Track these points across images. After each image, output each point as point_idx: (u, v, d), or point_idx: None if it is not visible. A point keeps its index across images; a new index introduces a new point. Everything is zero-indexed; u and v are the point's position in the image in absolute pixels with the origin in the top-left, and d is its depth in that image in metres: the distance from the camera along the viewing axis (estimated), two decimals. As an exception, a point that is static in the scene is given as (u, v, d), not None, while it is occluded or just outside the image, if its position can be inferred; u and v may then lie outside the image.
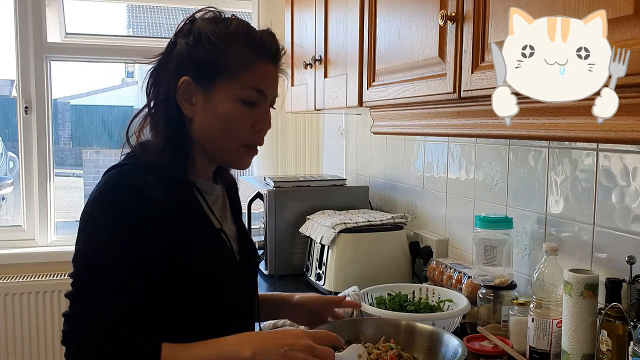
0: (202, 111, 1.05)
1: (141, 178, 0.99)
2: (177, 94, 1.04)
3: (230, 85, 1.04)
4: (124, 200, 0.96)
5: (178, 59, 1.04)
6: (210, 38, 1.03)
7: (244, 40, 1.05)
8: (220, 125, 1.05)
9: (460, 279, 1.67)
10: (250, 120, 1.07)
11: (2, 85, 5.97)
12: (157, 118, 1.06)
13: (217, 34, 1.04)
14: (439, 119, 1.35)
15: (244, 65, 1.04)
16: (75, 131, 8.14)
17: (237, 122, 1.05)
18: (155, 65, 1.08)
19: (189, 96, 1.05)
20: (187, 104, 1.05)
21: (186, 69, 1.04)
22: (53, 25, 2.78)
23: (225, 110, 1.04)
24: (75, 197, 6.48)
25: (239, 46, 1.04)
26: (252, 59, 1.05)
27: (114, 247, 0.96)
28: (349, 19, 1.74)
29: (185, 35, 1.05)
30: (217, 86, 1.04)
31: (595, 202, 1.32)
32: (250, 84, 1.05)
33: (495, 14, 1.06)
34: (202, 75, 1.04)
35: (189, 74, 1.03)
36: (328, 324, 1.31)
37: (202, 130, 1.06)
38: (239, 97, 1.05)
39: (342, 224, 1.87)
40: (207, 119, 1.05)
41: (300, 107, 2.26)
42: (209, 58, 1.03)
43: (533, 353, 1.27)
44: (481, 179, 1.75)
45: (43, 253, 2.76)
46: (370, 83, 1.61)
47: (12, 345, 2.66)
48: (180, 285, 1.01)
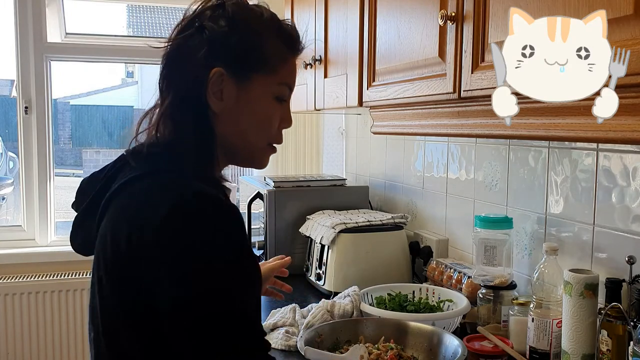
0: (234, 107, 0.93)
1: (200, 184, 0.86)
2: (207, 87, 0.90)
3: (268, 80, 0.95)
4: (232, 219, 0.83)
5: (209, 46, 0.90)
6: (249, 24, 0.93)
7: (278, 32, 0.96)
8: (256, 123, 0.96)
9: (460, 279, 1.67)
10: (279, 118, 0.99)
11: (2, 85, 5.97)
12: (179, 115, 0.92)
13: (255, 20, 0.94)
14: (439, 119, 1.35)
15: (280, 60, 0.96)
16: (75, 131, 8.15)
17: (272, 121, 0.97)
18: (169, 54, 0.94)
19: (219, 89, 0.91)
20: (217, 98, 0.92)
21: (219, 57, 0.91)
22: (53, 25, 2.78)
23: (263, 108, 0.96)
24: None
25: (274, 38, 0.95)
26: (286, 52, 0.97)
27: (252, 277, 0.84)
28: (349, 19, 1.74)
29: (213, 20, 0.91)
30: (254, 80, 0.93)
31: (595, 202, 1.32)
32: (284, 80, 0.97)
33: (495, 14, 1.06)
34: (239, 65, 0.92)
35: (222, 63, 0.90)
36: (329, 324, 1.31)
37: (231, 127, 0.94)
38: (275, 94, 0.96)
39: (342, 224, 1.87)
40: (239, 116, 0.94)
41: (300, 107, 2.26)
42: (247, 47, 0.92)
43: (533, 353, 1.27)
44: (481, 179, 1.75)
45: (43, 253, 2.76)
46: (370, 83, 1.61)
47: (12, 345, 2.66)
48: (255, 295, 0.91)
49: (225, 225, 0.81)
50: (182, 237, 0.79)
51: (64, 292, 2.69)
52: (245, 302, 0.81)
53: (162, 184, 0.86)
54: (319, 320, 1.44)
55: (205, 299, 0.78)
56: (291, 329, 1.47)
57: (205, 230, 0.79)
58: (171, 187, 0.85)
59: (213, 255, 0.79)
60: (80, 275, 2.72)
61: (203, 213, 0.81)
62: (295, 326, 1.49)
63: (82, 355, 2.74)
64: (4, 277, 2.67)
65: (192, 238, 0.79)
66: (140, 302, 0.82)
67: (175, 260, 0.78)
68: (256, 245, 2.19)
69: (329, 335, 1.30)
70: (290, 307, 1.60)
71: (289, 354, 1.39)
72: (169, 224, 0.79)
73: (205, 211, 0.81)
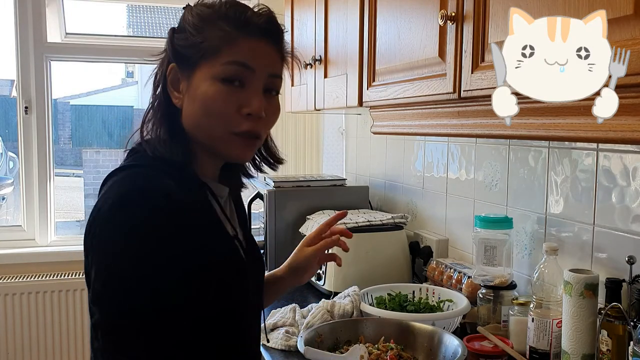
0: (186, 98, 0.96)
1: (158, 179, 0.89)
2: (167, 84, 0.97)
3: (210, 64, 0.93)
4: (151, 206, 0.85)
5: (168, 49, 0.99)
6: (190, 20, 0.96)
7: (225, 18, 0.94)
8: (201, 110, 0.94)
9: (460, 279, 1.67)
10: (235, 103, 0.93)
11: (2, 85, 5.98)
12: (155, 112, 0.99)
13: (198, 15, 0.96)
14: (439, 119, 1.35)
15: (224, 42, 0.93)
16: (75, 131, 8.15)
17: (218, 105, 0.92)
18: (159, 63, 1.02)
19: (177, 84, 0.97)
20: (176, 92, 0.97)
21: (173, 56, 0.97)
22: (53, 25, 2.78)
23: (203, 92, 0.93)
24: (75, 197, 6.48)
25: (219, 24, 0.94)
26: (235, 34, 0.93)
27: (156, 261, 0.84)
28: (349, 19, 1.74)
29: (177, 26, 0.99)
30: (198, 69, 0.94)
31: (595, 202, 1.32)
32: (231, 59, 0.92)
33: (495, 14, 1.06)
34: (184, 59, 0.95)
35: (175, 60, 0.96)
36: (329, 324, 1.31)
37: (188, 119, 0.96)
38: (219, 76, 0.92)
39: (342, 224, 1.87)
40: (190, 105, 0.95)
41: (300, 107, 2.26)
42: (189, 40, 0.94)
43: (533, 353, 1.27)
44: (481, 179, 1.75)
45: (43, 253, 2.76)
46: (370, 83, 1.61)
47: (12, 345, 2.66)
48: (191, 295, 0.89)
49: (151, 221, 0.84)
50: (108, 230, 0.84)
51: (64, 292, 2.69)
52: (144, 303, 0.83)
53: (122, 178, 0.90)
54: (319, 320, 1.45)
55: (108, 296, 0.83)
56: (291, 329, 1.47)
57: (126, 227, 0.83)
58: (124, 182, 0.89)
59: (123, 251, 0.83)
60: (80, 275, 2.72)
61: (134, 208, 0.84)
62: (295, 326, 1.49)
63: (82, 355, 2.74)
64: (4, 277, 2.67)
65: (115, 231, 0.84)
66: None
67: (98, 252, 0.85)
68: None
69: (329, 335, 1.30)
70: (290, 307, 1.60)
71: (289, 354, 1.39)
72: (104, 216, 0.85)
73: (136, 207, 0.84)
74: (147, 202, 0.85)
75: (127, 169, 0.93)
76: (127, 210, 0.84)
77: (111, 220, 0.85)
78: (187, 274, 0.86)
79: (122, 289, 0.83)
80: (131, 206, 0.85)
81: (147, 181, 0.89)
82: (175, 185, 0.89)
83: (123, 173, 0.92)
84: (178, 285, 0.86)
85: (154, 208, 0.85)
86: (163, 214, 0.85)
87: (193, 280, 0.87)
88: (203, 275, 0.90)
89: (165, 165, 0.93)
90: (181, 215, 0.87)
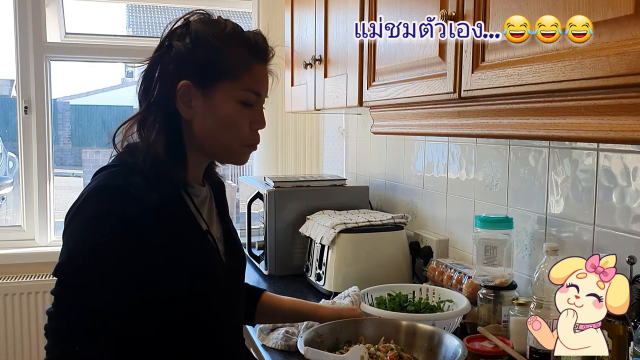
0: (202, 113, 1.06)
1: (128, 179, 1.00)
2: (176, 97, 1.04)
3: (231, 87, 1.06)
4: (113, 203, 0.97)
5: (176, 62, 1.04)
6: (210, 40, 1.04)
7: (241, 43, 1.07)
8: (222, 127, 1.07)
9: (461, 279, 1.67)
10: (248, 120, 1.09)
11: (2, 85, 5.97)
12: (152, 122, 1.05)
13: (216, 35, 1.05)
14: (439, 119, 1.35)
15: (243, 67, 1.06)
16: (75, 131, 8.15)
17: (238, 123, 1.08)
18: (146, 69, 1.07)
19: (188, 99, 1.05)
20: (186, 106, 1.05)
21: (186, 71, 1.04)
22: (53, 25, 2.78)
23: (227, 112, 1.06)
24: (74, 197, 6.47)
25: (237, 48, 1.06)
26: (250, 60, 1.07)
27: (105, 253, 0.96)
28: (349, 18, 1.74)
29: (180, 38, 1.05)
30: (217, 88, 1.05)
31: (596, 202, 1.32)
32: (249, 86, 1.07)
33: (495, 14, 1.06)
34: (203, 77, 1.04)
35: (189, 77, 1.04)
36: (329, 324, 1.31)
37: (203, 132, 1.08)
38: (238, 99, 1.07)
39: (342, 224, 1.87)
40: (207, 121, 1.07)
41: (300, 107, 2.26)
42: (210, 60, 1.04)
43: (533, 353, 1.27)
44: (481, 179, 1.75)
45: (43, 253, 2.76)
46: (370, 83, 1.61)
47: (12, 345, 2.66)
48: (163, 286, 1.02)
49: (97, 219, 0.97)
50: (75, 218, 0.98)
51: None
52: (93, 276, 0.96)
53: (99, 177, 1.02)
54: (319, 320, 1.44)
55: (69, 260, 0.97)
56: (291, 329, 1.47)
57: (87, 220, 0.97)
58: (97, 180, 1.01)
59: (85, 240, 0.97)
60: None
61: (89, 205, 0.98)
62: (295, 326, 1.49)
63: (82, 355, 2.74)
64: (4, 277, 2.67)
65: (78, 219, 0.98)
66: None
67: (64, 239, 0.99)
68: (256, 245, 2.19)
69: (329, 336, 1.30)
70: (290, 307, 1.59)
71: (289, 354, 1.39)
72: (75, 207, 0.99)
73: (90, 205, 0.98)
74: (107, 202, 0.98)
75: (108, 168, 1.05)
76: (93, 201, 0.98)
77: (79, 211, 0.99)
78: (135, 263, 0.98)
79: (76, 282, 0.96)
80: (93, 204, 0.98)
81: (112, 180, 1.01)
82: (143, 183, 1.00)
83: (102, 173, 1.04)
84: (125, 279, 0.98)
85: (112, 207, 0.97)
86: (119, 212, 0.97)
87: (139, 268, 0.99)
88: (158, 265, 1.01)
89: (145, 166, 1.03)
90: (137, 212, 0.98)
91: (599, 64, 0.81)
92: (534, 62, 0.95)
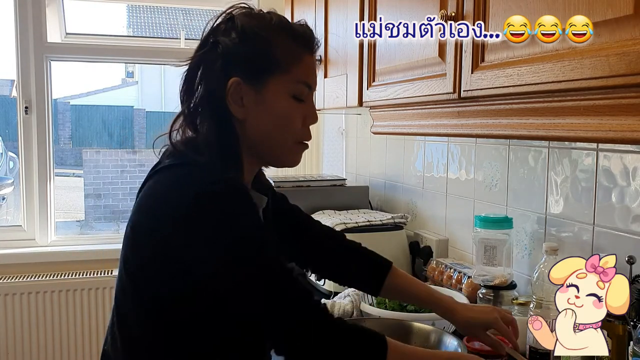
0: (255, 111, 0.99)
1: (221, 174, 0.94)
2: (227, 96, 0.98)
3: (282, 80, 0.99)
4: (248, 206, 0.92)
5: (224, 59, 0.97)
6: (258, 32, 0.98)
7: (289, 33, 1.01)
8: (276, 124, 1.01)
9: (460, 279, 1.67)
10: (301, 116, 1.02)
11: (2, 85, 5.98)
12: (201, 123, 1.00)
13: (263, 28, 0.99)
14: (439, 119, 1.35)
15: (293, 59, 1.00)
16: (75, 131, 8.15)
17: (292, 119, 1.01)
18: (189, 68, 1.01)
19: (239, 97, 0.98)
20: (238, 105, 0.99)
21: (234, 68, 0.97)
22: (53, 25, 2.78)
23: (281, 108, 1.00)
24: (75, 197, 6.48)
25: (285, 39, 1.00)
26: (300, 51, 1.01)
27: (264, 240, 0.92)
28: (348, 18, 1.74)
29: (226, 34, 0.99)
30: (269, 83, 0.99)
31: (595, 202, 1.32)
32: (300, 78, 1.01)
33: (495, 14, 1.06)
34: (253, 72, 0.98)
35: (238, 73, 0.97)
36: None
37: (257, 131, 1.01)
38: (291, 93, 1.00)
39: (342, 224, 1.87)
40: (261, 119, 1.00)
41: (300, 107, 2.25)
42: (258, 54, 0.98)
43: (533, 353, 1.27)
44: (481, 179, 1.75)
45: (43, 253, 2.76)
46: (370, 83, 1.61)
47: (12, 345, 2.66)
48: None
49: (242, 206, 0.91)
50: (210, 220, 0.89)
51: (64, 292, 2.69)
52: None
53: (182, 175, 0.95)
54: (319, 320, 1.44)
55: (231, 269, 0.89)
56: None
57: (229, 211, 0.90)
58: (192, 179, 0.93)
59: (239, 232, 0.89)
60: (80, 275, 2.72)
61: (225, 196, 0.90)
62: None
63: (82, 355, 2.74)
64: (4, 277, 2.67)
65: (218, 219, 0.89)
66: (156, 293, 0.94)
67: (207, 241, 0.89)
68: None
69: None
70: (290, 307, 1.59)
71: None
72: (194, 211, 0.89)
73: (227, 194, 0.90)
74: (232, 189, 0.92)
75: (178, 167, 0.97)
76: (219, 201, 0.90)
77: (211, 210, 0.89)
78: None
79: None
80: (226, 193, 0.90)
81: (216, 175, 0.93)
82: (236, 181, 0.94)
83: (178, 170, 0.96)
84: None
85: (244, 201, 0.92)
86: (250, 205, 0.93)
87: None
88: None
89: (211, 166, 0.96)
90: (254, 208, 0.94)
91: (598, 64, 0.81)
92: (534, 62, 0.95)
